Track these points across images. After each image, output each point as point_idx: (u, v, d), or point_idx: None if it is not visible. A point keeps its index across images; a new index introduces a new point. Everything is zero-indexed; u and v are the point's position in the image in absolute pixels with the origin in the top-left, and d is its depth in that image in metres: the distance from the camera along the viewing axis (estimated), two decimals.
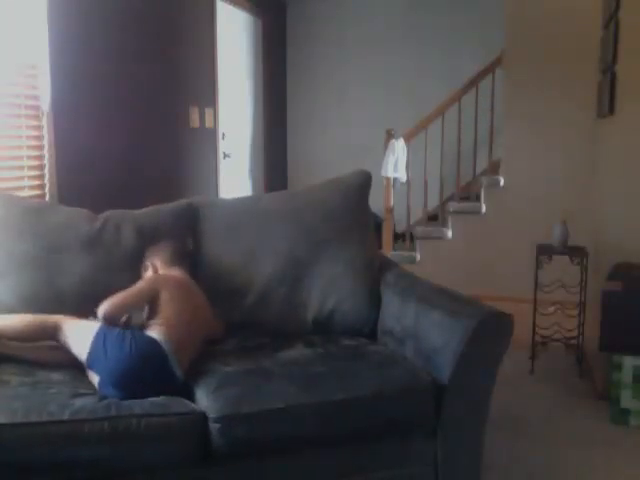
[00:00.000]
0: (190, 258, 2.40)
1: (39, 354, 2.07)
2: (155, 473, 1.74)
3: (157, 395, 1.80)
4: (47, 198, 3.03)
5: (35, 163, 2.98)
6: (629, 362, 2.74)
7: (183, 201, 2.55)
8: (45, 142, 3.01)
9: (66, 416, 1.68)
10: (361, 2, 6.11)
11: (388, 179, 4.83)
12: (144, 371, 1.88)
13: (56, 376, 1.99)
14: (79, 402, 1.76)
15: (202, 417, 1.77)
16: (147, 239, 2.37)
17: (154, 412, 1.74)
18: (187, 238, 2.44)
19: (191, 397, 1.87)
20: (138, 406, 1.75)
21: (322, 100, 6.30)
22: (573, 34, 4.18)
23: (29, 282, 2.23)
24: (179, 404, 1.80)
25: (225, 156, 5.05)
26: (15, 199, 2.52)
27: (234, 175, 5.27)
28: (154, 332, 1.96)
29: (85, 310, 2.21)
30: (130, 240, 2.36)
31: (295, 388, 1.85)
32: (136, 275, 2.28)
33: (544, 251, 3.38)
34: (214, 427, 1.74)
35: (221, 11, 4.81)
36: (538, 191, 4.46)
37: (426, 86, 5.75)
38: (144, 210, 2.49)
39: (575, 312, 3.37)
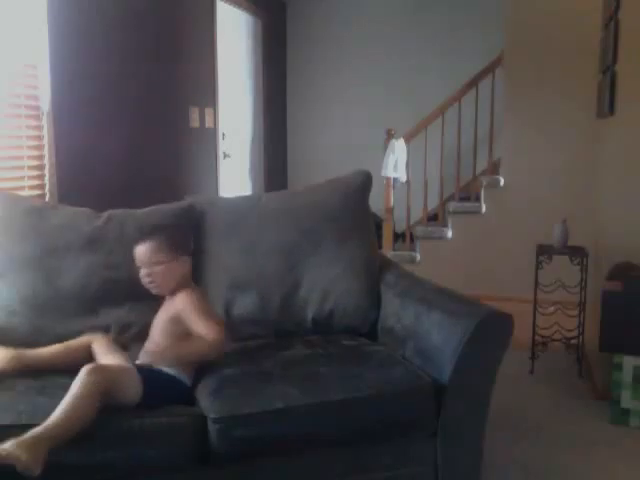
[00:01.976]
0: (191, 257, 2.40)
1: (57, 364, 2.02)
2: (155, 474, 1.73)
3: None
4: (47, 198, 3.03)
5: (35, 163, 2.98)
6: (629, 362, 2.74)
7: (185, 202, 2.54)
8: (45, 142, 3.01)
9: None
10: (361, 2, 6.11)
11: (388, 179, 4.83)
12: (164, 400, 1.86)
13: (62, 380, 1.99)
14: None
15: (202, 418, 1.76)
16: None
17: (154, 413, 1.74)
18: (189, 237, 2.44)
19: (191, 398, 1.87)
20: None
21: (322, 100, 6.30)
22: (573, 34, 4.18)
23: (31, 281, 2.23)
24: (179, 405, 1.80)
25: (225, 156, 5.05)
26: (17, 199, 2.51)
27: (234, 175, 5.28)
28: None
29: (86, 309, 2.22)
30: (133, 239, 2.33)
31: (295, 389, 1.85)
32: (136, 276, 2.28)
33: (544, 251, 3.38)
34: (214, 428, 1.74)
35: (221, 11, 4.81)
36: (538, 191, 4.47)
37: (426, 86, 5.75)
38: (145, 210, 2.48)
39: (575, 312, 3.37)
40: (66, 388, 1.90)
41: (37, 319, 2.19)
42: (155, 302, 2.22)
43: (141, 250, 2.05)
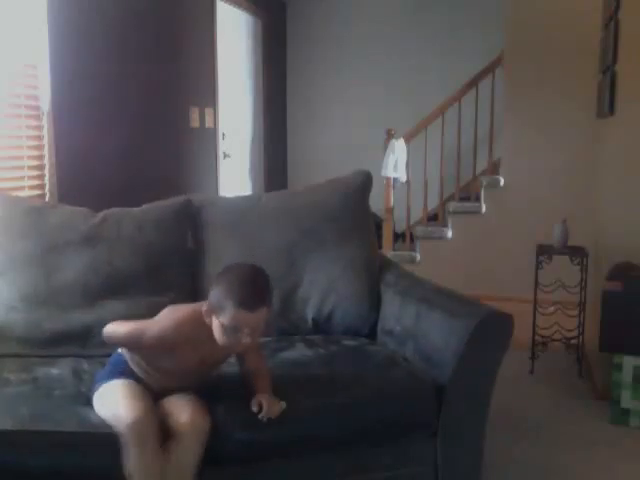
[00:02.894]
0: (190, 256, 2.40)
1: None
2: None
3: None
4: (47, 198, 3.03)
5: (35, 163, 2.98)
6: (629, 362, 2.74)
7: (181, 197, 2.53)
8: (45, 142, 3.01)
9: (72, 427, 1.69)
10: (361, 2, 6.11)
11: (388, 179, 4.83)
12: None
13: (55, 371, 2.01)
14: (85, 410, 1.77)
15: None
16: (149, 234, 2.36)
17: None
18: (187, 235, 2.44)
19: None
20: None
21: (322, 100, 6.30)
22: (573, 34, 4.18)
23: (30, 279, 2.23)
24: None
25: (225, 156, 5.05)
26: (16, 199, 2.52)
27: (234, 175, 5.28)
28: None
29: (84, 304, 2.22)
30: (130, 235, 2.34)
31: (296, 390, 1.85)
32: (136, 272, 2.28)
33: (544, 251, 3.38)
34: (214, 430, 1.73)
35: (221, 11, 4.81)
36: (538, 191, 4.47)
37: (426, 86, 5.75)
38: (142, 207, 2.48)
39: (575, 312, 3.37)
40: (58, 380, 1.92)
41: (36, 315, 2.19)
42: (152, 297, 2.23)
43: (261, 315, 1.72)
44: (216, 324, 1.70)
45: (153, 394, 1.77)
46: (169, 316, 1.77)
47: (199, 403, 1.75)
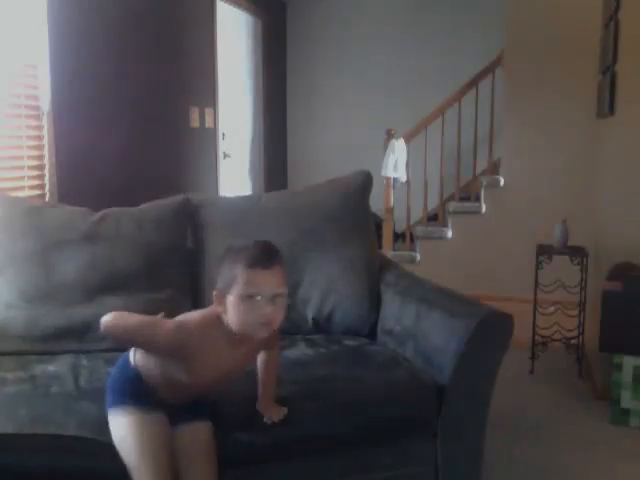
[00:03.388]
0: (189, 255, 2.40)
1: None
2: None
3: None
4: (47, 198, 3.03)
5: (35, 163, 2.98)
6: (629, 362, 2.74)
7: (180, 196, 2.52)
8: (45, 142, 3.01)
9: (72, 428, 1.68)
10: (361, 2, 6.11)
11: (388, 179, 4.83)
12: None
13: (52, 368, 2.01)
14: (83, 408, 1.77)
15: None
16: (148, 233, 2.36)
17: None
18: (186, 234, 2.44)
19: None
20: None
21: (322, 100, 6.30)
22: (573, 34, 4.18)
23: (31, 277, 2.23)
24: None
25: (225, 156, 5.05)
26: (15, 199, 2.53)
27: (234, 175, 5.28)
28: None
29: (83, 300, 2.22)
30: (130, 233, 2.33)
31: (297, 390, 1.85)
32: (135, 269, 2.29)
33: (544, 251, 3.38)
34: (216, 431, 1.73)
35: (221, 11, 4.81)
36: (538, 191, 4.47)
37: (426, 86, 5.75)
38: (141, 206, 2.47)
39: (575, 312, 3.37)
40: (55, 377, 1.92)
41: (35, 312, 2.19)
42: (151, 294, 2.23)
43: (277, 274, 1.58)
44: (231, 304, 1.54)
45: (167, 414, 1.66)
46: (179, 320, 1.64)
47: (213, 457, 1.68)
